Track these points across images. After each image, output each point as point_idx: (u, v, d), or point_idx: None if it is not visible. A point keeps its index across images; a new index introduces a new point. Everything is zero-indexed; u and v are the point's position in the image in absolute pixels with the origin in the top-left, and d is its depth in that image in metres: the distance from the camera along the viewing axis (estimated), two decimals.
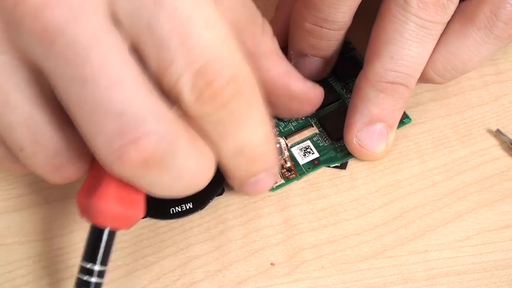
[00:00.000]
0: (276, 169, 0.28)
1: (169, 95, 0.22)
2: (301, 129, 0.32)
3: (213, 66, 0.21)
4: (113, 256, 0.29)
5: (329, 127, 0.32)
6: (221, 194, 0.29)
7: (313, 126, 0.33)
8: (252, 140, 0.25)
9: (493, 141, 0.33)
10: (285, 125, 0.33)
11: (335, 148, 0.32)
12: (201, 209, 0.28)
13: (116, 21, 0.21)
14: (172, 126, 0.22)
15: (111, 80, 0.20)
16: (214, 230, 0.30)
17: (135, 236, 0.30)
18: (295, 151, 0.32)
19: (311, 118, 0.33)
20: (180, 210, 0.28)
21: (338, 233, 0.30)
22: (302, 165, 0.31)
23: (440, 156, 0.32)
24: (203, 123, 0.23)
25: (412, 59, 0.30)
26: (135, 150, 0.21)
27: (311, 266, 0.29)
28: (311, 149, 0.32)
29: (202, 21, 0.22)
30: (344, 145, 0.32)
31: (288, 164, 0.31)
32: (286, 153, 0.31)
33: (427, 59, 0.30)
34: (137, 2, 0.21)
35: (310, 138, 0.32)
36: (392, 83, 0.30)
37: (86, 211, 0.24)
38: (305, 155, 0.32)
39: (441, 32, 0.30)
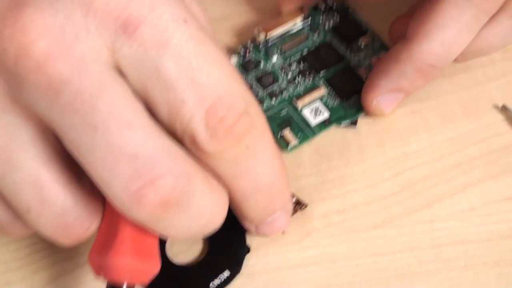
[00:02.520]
0: (290, 206, 0.27)
1: (183, 140, 0.22)
2: (310, 90, 0.33)
3: (224, 101, 0.21)
4: None
5: (337, 87, 0.33)
6: (248, 252, 0.29)
7: (321, 87, 0.33)
8: (268, 175, 0.24)
9: (499, 117, 0.33)
10: (293, 88, 0.34)
11: (345, 107, 0.33)
12: (238, 272, 0.28)
13: (120, 70, 0.21)
14: (186, 165, 0.21)
15: (121, 124, 0.20)
16: None
17: None
18: (306, 112, 0.33)
19: (318, 80, 0.34)
20: (220, 282, 0.28)
21: (348, 203, 0.31)
22: (314, 126, 0.32)
23: (447, 131, 0.33)
24: (219, 162, 0.22)
25: (458, 47, 0.30)
26: (153, 191, 0.20)
27: (321, 235, 0.30)
28: (321, 110, 0.33)
29: (209, 59, 0.21)
30: (353, 103, 0.33)
31: (294, 199, 0.31)
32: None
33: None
34: (140, 49, 0.20)
35: (319, 98, 0.33)
36: (433, 66, 0.30)
37: (101, 269, 0.23)
38: (316, 115, 0.33)
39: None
